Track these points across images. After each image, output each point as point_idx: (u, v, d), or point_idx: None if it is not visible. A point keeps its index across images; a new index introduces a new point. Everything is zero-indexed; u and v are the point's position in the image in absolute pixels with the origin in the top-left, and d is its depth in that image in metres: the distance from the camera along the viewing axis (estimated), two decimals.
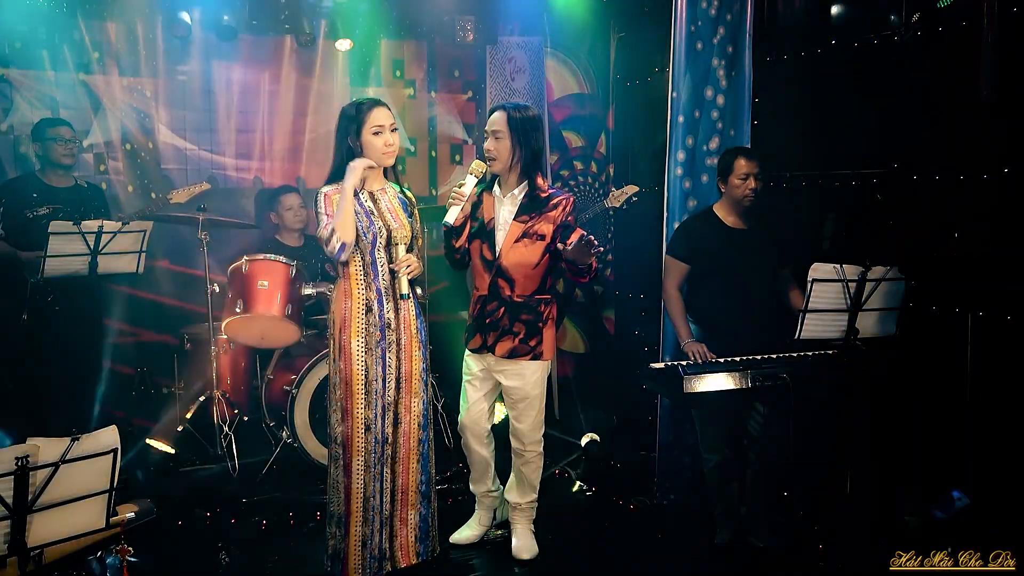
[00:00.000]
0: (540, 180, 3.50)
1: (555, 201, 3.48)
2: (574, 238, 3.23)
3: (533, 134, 3.45)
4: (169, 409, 5.02)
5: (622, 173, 5.66)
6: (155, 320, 5.55)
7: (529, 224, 3.46)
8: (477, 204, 3.54)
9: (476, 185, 3.42)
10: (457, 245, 3.52)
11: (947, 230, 3.65)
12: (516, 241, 3.46)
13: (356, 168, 3.25)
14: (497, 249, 3.48)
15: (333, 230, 3.20)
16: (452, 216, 3.35)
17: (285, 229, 5.09)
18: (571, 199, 3.53)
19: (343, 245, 3.22)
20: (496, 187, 3.54)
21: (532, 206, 3.47)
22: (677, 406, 4.25)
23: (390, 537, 3.40)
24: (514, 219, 3.47)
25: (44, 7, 5.26)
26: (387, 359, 3.34)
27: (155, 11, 5.51)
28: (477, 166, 3.41)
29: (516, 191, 3.49)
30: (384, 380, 3.33)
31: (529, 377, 3.54)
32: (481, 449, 3.70)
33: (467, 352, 3.66)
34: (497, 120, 3.45)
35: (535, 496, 3.72)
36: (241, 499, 4.24)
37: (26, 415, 4.47)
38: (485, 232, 3.50)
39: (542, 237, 3.45)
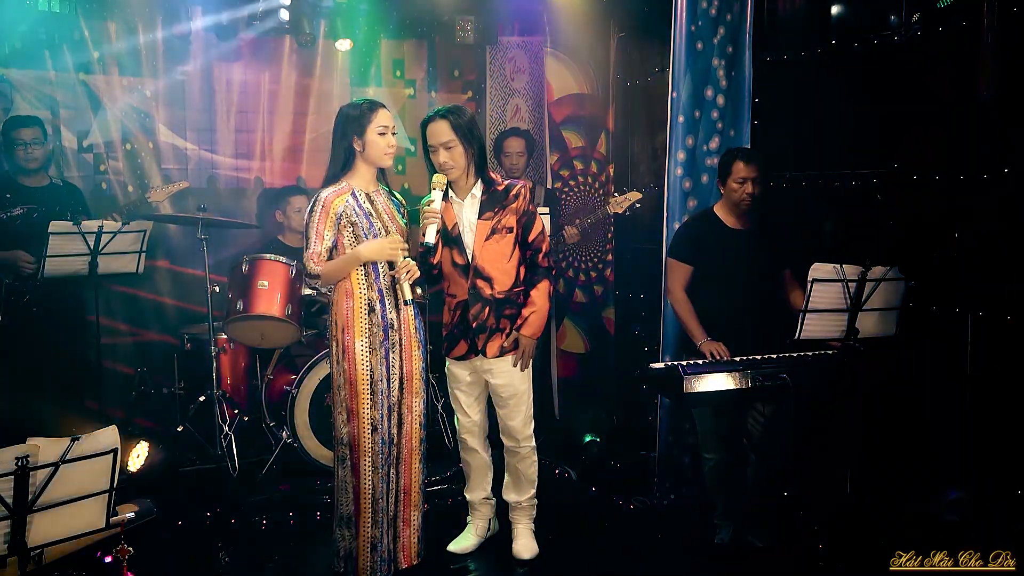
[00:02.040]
0: (493, 174, 3.52)
1: (515, 191, 3.49)
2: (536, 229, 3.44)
3: (475, 131, 3.44)
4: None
5: (622, 173, 5.65)
6: (155, 320, 5.56)
7: (495, 219, 3.46)
8: None
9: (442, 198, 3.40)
10: (435, 261, 3.50)
11: (947, 230, 3.65)
12: (487, 239, 3.46)
13: (380, 252, 3.28)
14: (469, 251, 3.48)
15: (319, 275, 3.28)
16: (431, 235, 3.33)
17: (290, 230, 5.08)
18: (528, 185, 3.54)
19: (318, 280, 3.31)
20: (451, 192, 3.51)
21: (493, 201, 3.47)
22: (677, 406, 4.24)
23: (393, 538, 3.41)
24: (479, 218, 3.47)
25: (44, 7, 5.25)
26: (391, 359, 3.35)
27: (155, 11, 5.51)
28: (439, 179, 3.38)
29: (474, 191, 3.48)
30: (388, 381, 3.34)
31: (516, 372, 3.55)
32: (484, 452, 3.71)
33: (449, 361, 3.63)
34: (443, 131, 3.36)
35: (534, 492, 3.72)
36: (241, 499, 4.24)
37: (19, 416, 4.46)
38: (451, 239, 3.49)
39: (510, 230, 3.48)
